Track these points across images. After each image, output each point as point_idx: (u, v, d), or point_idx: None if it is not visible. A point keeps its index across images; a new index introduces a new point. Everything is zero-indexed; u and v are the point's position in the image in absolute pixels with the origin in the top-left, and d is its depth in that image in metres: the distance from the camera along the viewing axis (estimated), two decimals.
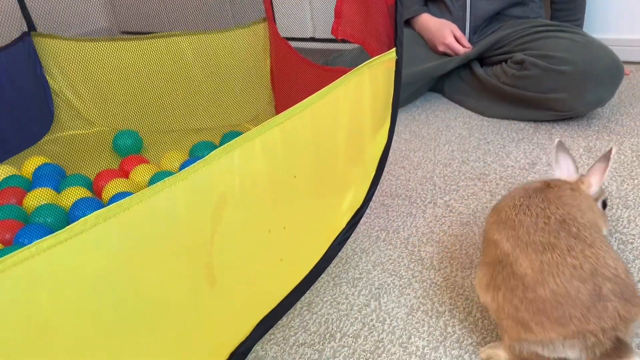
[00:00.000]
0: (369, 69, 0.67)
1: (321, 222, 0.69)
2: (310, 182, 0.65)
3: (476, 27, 1.35)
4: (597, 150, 1.03)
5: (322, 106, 0.62)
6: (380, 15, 0.67)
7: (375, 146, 0.73)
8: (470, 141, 1.15)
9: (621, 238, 0.77)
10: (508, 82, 1.21)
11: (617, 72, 1.08)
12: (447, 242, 0.82)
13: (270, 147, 0.57)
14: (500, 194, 0.93)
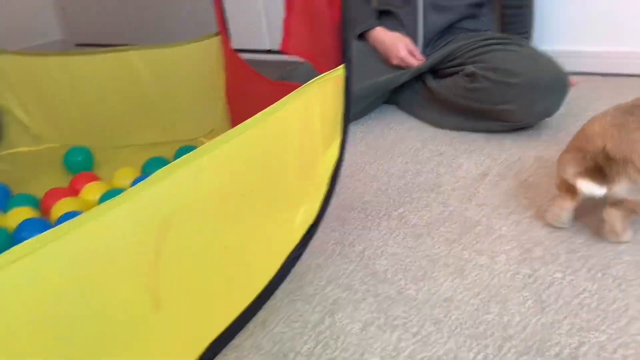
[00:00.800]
0: (318, 86, 0.67)
1: (273, 239, 0.69)
2: (262, 199, 0.64)
3: (429, 40, 1.38)
4: (546, 160, 1.06)
5: (271, 123, 0.61)
6: (327, 32, 0.67)
7: (327, 161, 0.73)
8: (424, 153, 1.17)
9: (568, 247, 0.79)
10: (460, 94, 1.24)
11: (563, 84, 1.12)
12: (401, 255, 0.83)
13: (220, 165, 0.56)
14: (452, 205, 0.94)
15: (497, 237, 0.84)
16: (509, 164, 1.06)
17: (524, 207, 0.91)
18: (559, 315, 0.66)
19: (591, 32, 1.52)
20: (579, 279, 0.72)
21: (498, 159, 1.09)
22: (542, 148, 1.11)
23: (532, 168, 1.04)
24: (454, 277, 0.76)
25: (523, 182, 0.99)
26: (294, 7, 0.72)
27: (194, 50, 1.21)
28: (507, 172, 1.03)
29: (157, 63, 1.22)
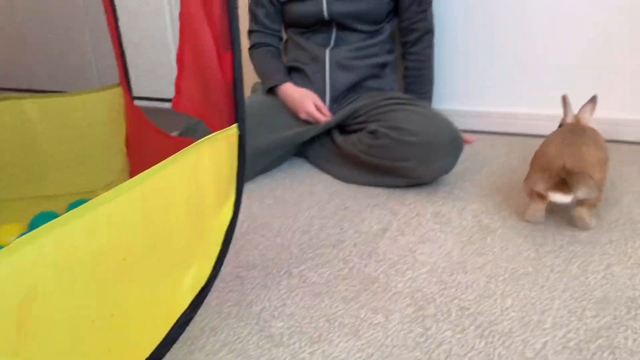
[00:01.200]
0: (209, 145, 0.66)
1: (158, 305, 0.65)
2: (144, 263, 0.61)
3: (335, 97, 1.42)
4: (442, 216, 1.10)
5: (155, 183, 0.59)
6: (220, 91, 0.67)
7: (220, 221, 0.72)
8: (330, 207, 1.18)
9: (459, 304, 0.82)
10: (364, 151, 1.27)
11: (457, 143, 1.18)
12: (297, 315, 0.81)
13: (94, 230, 0.53)
14: (352, 261, 0.95)
15: (394, 294, 0.85)
16: (408, 219, 1.10)
17: (420, 263, 0.93)
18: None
19: (487, 94, 1.63)
20: (467, 337, 0.74)
21: (399, 213, 1.12)
22: (439, 204, 1.16)
23: (429, 224, 1.07)
24: (348, 338, 0.75)
25: (420, 238, 1.02)
26: (184, 66, 0.71)
27: (92, 100, 1.17)
28: (406, 227, 1.06)
29: (53, 112, 1.17)
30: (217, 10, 0.61)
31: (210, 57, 0.66)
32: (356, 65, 1.40)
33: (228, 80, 0.66)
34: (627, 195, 1.15)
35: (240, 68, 0.67)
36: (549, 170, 0.98)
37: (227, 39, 0.63)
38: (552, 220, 1.06)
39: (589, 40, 1.46)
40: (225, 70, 0.65)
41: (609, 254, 0.93)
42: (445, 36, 1.62)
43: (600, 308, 0.79)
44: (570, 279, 0.86)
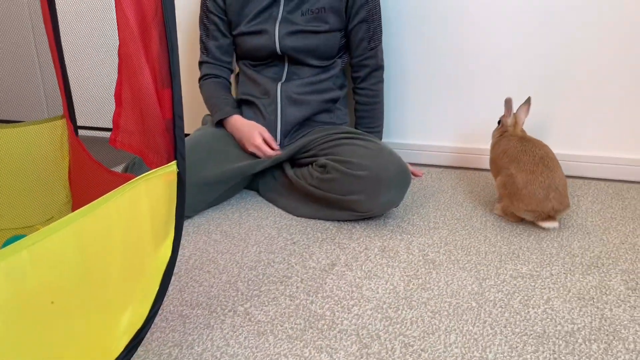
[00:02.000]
0: (146, 182, 0.64)
1: (91, 350, 0.62)
2: (74, 306, 0.58)
3: (287, 132, 1.42)
4: (390, 250, 1.11)
5: (88, 222, 0.57)
6: (158, 128, 0.66)
7: (158, 260, 0.70)
8: (278, 241, 1.17)
9: (403, 340, 0.81)
10: (314, 184, 1.27)
11: (404, 177, 1.20)
12: (240, 356, 0.79)
13: (17, 274, 0.50)
14: (299, 297, 0.94)
15: (339, 331, 0.84)
16: (356, 253, 1.10)
17: (366, 299, 0.93)
18: None
19: (436, 128, 1.67)
20: None
21: (347, 248, 1.12)
22: (387, 237, 1.17)
23: (377, 258, 1.07)
24: None
25: (367, 273, 1.02)
26: (122, 103, 0.70)
27: (34, 132, 1.13)
28: (353, 262, 1.06)
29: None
30: (155, 48, 0.61)
31: (149, 94, 0.65)
32: (308, 100, 1.41)
33: (167, 117, 0.65)
34: (566, 230, 1.19)
35: (180, 105, 0.66)
36: (539, 212, 1.15)
37: (166, 77, 0.62)
38: (495, 254, 1.08)
39: (540, 72, 1.52)
40: (164, 107, 0.64)
41: (549, 287, 0.96)
42: (395, 70, 1.66)
43: (540, 343, 0.80)
44: (512, 314, 0.88)
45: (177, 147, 0.67)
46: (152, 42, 0.61)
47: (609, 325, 0.84)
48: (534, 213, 1.16)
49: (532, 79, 1.52)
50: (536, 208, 1.15)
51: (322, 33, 1.39)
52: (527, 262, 1.05)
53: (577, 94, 1.49)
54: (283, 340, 0.83)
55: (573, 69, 1.47)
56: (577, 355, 0.77)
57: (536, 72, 1.51)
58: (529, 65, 1.51)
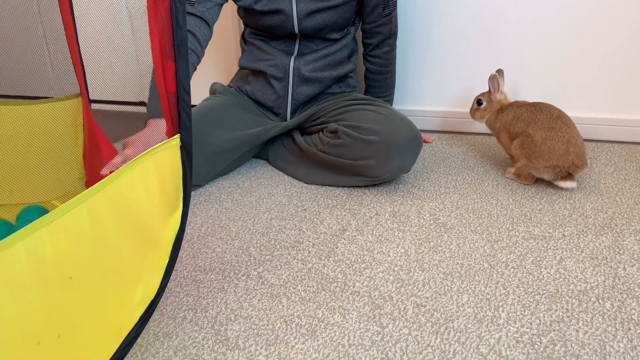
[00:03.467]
0: (152, 157, 0.64)
1: (107, 323, 0.63)
2: (92, 281, 0.59)
3: (296, 108, 1.41)
4: (401, 215, 1.10)
5: (101, 198, 0.58)
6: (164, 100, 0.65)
7: (168, 233, 0.70)
8: (289, 208, 1.17)
9: (416, 301, 0.82)
10: (324, 150, 1.27)
11: (416, 142, 1.19)
12: (255, 318, 0.80)
13: (37, 251, 0.51)
14: (311, 262, 0.94)
15: (351, 293, 0.85)
16: (367, 219, 1.10)
17: (378, 262, 0.93)
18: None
19: (447, 94, 1.65)
20: (423, 334, 0.74)
21: (357, 214, 1.12)
22: (398, 203, 1.16)
23: (388, 223, 1.07)
24: (305, 339, 0.75)
25: (378, 237, 1.02)
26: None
27: (50, 110, 1.13)
28: (364, 227, 1.06)
29: (7, 121, 1.12)
30: (162, 19, 0.60)
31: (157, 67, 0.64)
32: (320, 78, 1.38)
33: (171, 90, 0.64)
34: (579, 191, 1.18)
35: (186, 79, 0.65)
36: (559, 167, 1.14)
37: (170, 50, 0.61)
38: (507, 216, 1.08)
39: (547, 41, 1.49)
40: (168, 80, 0.63)
41: (562, 248, 0.95)
42: (405, 36, 1.63)
43: (553, 302, 0.80)
44: (524, 274, 0.88)
45: (181, 120, 0.66)
46: (159, 13, 0.60)
47: (622, 284, 0.84)
48: (554, 169, 1.15)
49: (548, 41, 1.49)
50: (557, 163, 1.14)
51: (339, 7, 1.33)
52: (539, 223, 1.04)
53: (589, 56, 1.46)
54: (296, 302, 0.83)
55: (584, 29, 1.44)
56: (590, 313, 0.77)
57: (551, 34, 1.48)
58: (544, 27, 1.48)
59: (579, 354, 0.69)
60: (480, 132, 1.63)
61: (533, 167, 1.18)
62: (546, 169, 1.16)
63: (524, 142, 1.19)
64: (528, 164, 1.19)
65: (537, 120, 1.19)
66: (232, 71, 1.89)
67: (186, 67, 0.64)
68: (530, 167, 1.18)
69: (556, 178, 1.16)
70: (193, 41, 1.24)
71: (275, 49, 1.40)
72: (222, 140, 1.31)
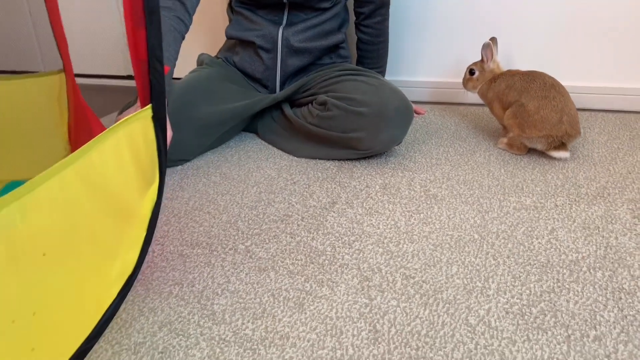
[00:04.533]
0: (124, 129, 0.62)
1: (84, 299, 0.62)
2: (66, 256, 0.57)
3: (285, 79, 1.38)
4: (391, 187, 1.09)
5: (72, 172, 0.55)
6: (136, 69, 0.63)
7: (144, 207, 0.68)
8: (278, 182, 1.15)
9: (404, 273, 0.81)
10: (314, 123, 1.24)
11: (407, 113, 1.17)
12: (242, 292, 0.79)
13: (7, 227, 0.49)
14: (300, 235, 0.93)
15: (339, 266, 0.84)
16: (357, 191, 1.08)
17: (367, 234, 0.92)
18: (389, 346, 0.66)
19: (438, 65, 1.62)
20: (412, 306, 0.73)
21: (347, 187, 1.11)
22: (388, 175, 1.15)
23: (378, 195, 1.06)
24: (293, 312, 0.74)
25: (368, 210, 1.00)
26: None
27: (33, 85, 1.10)
28: (354, 200, 1.05)
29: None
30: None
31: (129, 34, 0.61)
32: (310, 49, 1.35)
33: (142, 58, 0.62)
34: (572, 161, 1.16)
35: (157, 46, 0.62)
36: (552, 136, 1.12)
37: (140, 16, 0.58)
38: (499, 187, 1.06)
39: (541, 9, 1.46)
40: (139, 48, 0.61)
41: (553, 218, 0.94)
42: (398, 6, 1.59)
43: (544, 272, 0.79)
44: (515, 245, 0.86)
45: (153, 89, 0.64)
46: None
47: (614, 254, 0.83)
48: (547, 139, 1.13)
49: (542, 10, 1.45)
50: (550, 132, 1.12)
51: None
52: (531, 194, 1.03)
53: (583, 24, 1.43)
54: (284, 275, 0.82)
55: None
56: (581, 283, 0.76)
57: (545, 2, 1.44)
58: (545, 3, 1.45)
59: (569, 324, 0.68)
60: (473, 103, 1.61)
61: (526, 137, 1.16)
62: (539, 138, 1.14)
63: (516, 111, 1.17)
64: (521, 133, 1.17)
65: (530, 89, 1.16)
66: (219, 41, 1.85)
67: (158, 34, 0.61)
68: (523, 137, 1.17)
69: (549, 148, 1.14)
70: (180, 9, 1.20)
71: (263, 19, 1.36)
72: (210, 113, 1.28)
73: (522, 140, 1.17)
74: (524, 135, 1.16)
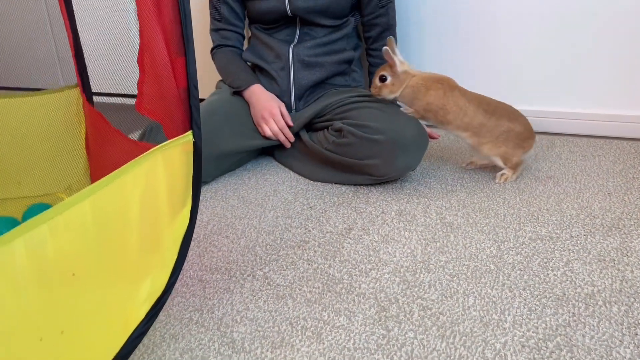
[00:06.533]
0: (162, 153, 0.64)
1: (112, 319, 0.63)
2: (95, 277, 0.59)
3: (300, 95, 1.40)
4: (407, 214, 1.10)
5: (106, 194, 0.57)
6: (173, 97, 0.65)
7: (176, 230, 0.70)
8: (295, 206, 1.17)
9: (422, 304, 0.82)
10: (330, 148, 1.26)
11: (422, 140, 1.18)
12: (260, 319, 0.80)
13: (38, 247, 0.51)
14: (317, 262, 0.94)
15: (357, 295, 0.85)
16: (373, 217, 1.09)
17: (384, 262, 0.93)
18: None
19: None
20: (429, 338, 0.74)
21: (363, 212, 1.12)
22: (404, 201, 1.16)
23: (394, 222, 1.07)
24: (311, 342, 0.75)
25: (384, 237, 1.02)
26: (144, 69, 0.69)
27: (50, 101, 1.13)
28: (370, 226, 1.06)
29: (7, 114, 1.12)
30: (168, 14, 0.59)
31: (164, 62, 0.64)
32: (321, 62, 1.39)
33: (181, 86, 0.64)
34: (587, 191, 1.17)
35: (194, 74, 0.65)
36: (527, 146, 1.22)
37: (179, 44, 0.61)
38: (514, 216, 1.07)
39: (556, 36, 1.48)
40: (178, 76, 0.63)
41: (569, 249, 0.95)
42: (410, 29, 1.61)
43: (559, 305, 0.80)
44: (530, 276, 0.87)
45: (192, 117, 0.66)
46: (164, 8, 0.60)
47: (629, 287, 0.83)
48: (523, 149, 1.22)
49: (557, 37, 1.47)
50: (521, 142, 1.21)
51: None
52: (546, 224, 1.04)
53: (597, 53, 1.44)
54: (302, 303, 0.84)
55: (593, 27, 1.42)
56: (597, 317, 0.77)
57: (557, 28, 1.46)
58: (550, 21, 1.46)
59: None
60: None
61: (526, 150, 1.23)
62: (519, 152, 1.22)
63: (506, 138, 1.20)
64: (520, 151, 1.22)
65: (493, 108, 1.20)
66: None
67: (194, 62, 0.64)
68: (523, 152, 1.23)
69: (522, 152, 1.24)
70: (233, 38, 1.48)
71: (276, 40, 1.41)
72: (232, 144, 1.32)
73: (522, 153, 1.22)
74: (523, 151, 1.22)
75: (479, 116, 1.18)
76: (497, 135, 1.19)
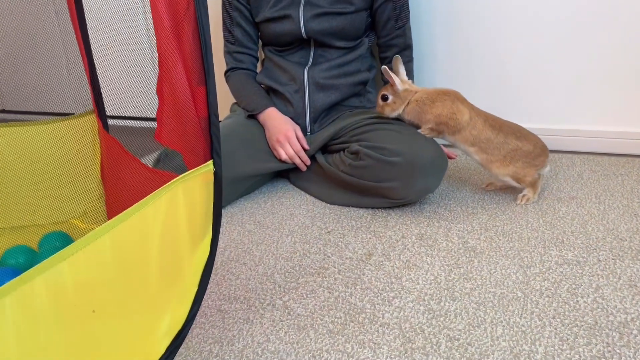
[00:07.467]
0: (183, 183, 0.63)
1: (132, 354, 0.62)
2: (115, 312, 0.58)
3: (315, 118, 1.39)
4: (428, 238, 1.08)
5: (126, 229, 0.56)
6: (193, 126, 0.64)
7: (196, 261, 0.68)
8: (312, 231, 1.15)
9: (448, 334, 0.79)
10: (346, 171, 1.25)
11: (441, 162, 1.16)
12: (282, 352, 0.78)
13: (57, 284, 0.50)
14: (337, 290, 0.92)
15: (380, 325, 0.82)
16: (393, 242, 1.07)
17: (407, 290, 0.91)
18: None
19: None
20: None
21: (383, 237, 1.10)
22: (424, 225, 1.14)
23: (415, 247, 1.05)
24: None
25: (406, 263, 0.99)
26: (163, 99, 0.68)
27: (64, 128, 1.13)
28: (391, 251, 1.04)
29: (20, 141, 1.12)
30: (188, 44, 0.59)
31: (184, 92, 0.63)
32: (336, 85, 1.38)
33: (202, 115, 0.63)
34: (612, 212, 1.14)
35: (215, 103, 0.64)
36: (540, 164, 1.19)
37: (200, 74, 0.60)
38: (538, 239, 1.04)
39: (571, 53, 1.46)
40: (198, 105, 0.62)
41: (597, 274, 0.92)
42: (425, 49, 1.60)
43: (592, 335, 0.77)
44: (560, 304, 0.84)
45: (213, 146, 0.65)
46: (185, 39, 0.59)
47: None
48: (537, 167, 1.19)
49: (577, 54, 1.45)
50: (535, 160, 1.18)
51: (347, 14, 1.34)
52: (572, 247, 1.01)
53: (621, 71, 1.42)
54: (324, 335, 0.81)
55: (613, 40, 1.40)
56: (632, 347, 0.74)
57: (575, 44, 1.44)
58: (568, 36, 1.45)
59: None
60: None
61: (539, 167, 1.20)
62: (533, 171, 1.19)
63: (518, 157, 1.17)
64: (534, 169, 1.19)
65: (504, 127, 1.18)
66: None
67: (215, 91, 0.63)
68: (537, 169, 1.20)
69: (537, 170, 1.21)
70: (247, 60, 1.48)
71: (290, 63, 1.40)
72: (247, 168, 1.31)
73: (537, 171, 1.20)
74: (537, 168, 1.19)
75: (486, 131, 1.16)
76: (505, 153, 1.16)
